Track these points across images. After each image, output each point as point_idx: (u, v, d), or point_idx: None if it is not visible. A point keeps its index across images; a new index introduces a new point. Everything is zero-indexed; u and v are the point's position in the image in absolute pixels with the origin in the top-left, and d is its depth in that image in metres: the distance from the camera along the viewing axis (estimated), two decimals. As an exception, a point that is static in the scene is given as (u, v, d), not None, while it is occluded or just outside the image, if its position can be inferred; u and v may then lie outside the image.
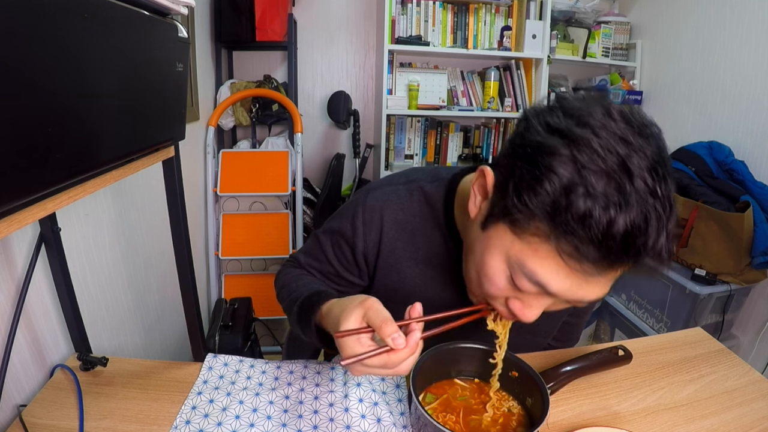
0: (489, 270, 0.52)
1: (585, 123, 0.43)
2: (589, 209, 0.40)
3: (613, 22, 2.30)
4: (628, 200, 0.40)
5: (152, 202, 1.26)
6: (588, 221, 0.40)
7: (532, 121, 0.47)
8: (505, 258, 0.50)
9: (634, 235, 0.41)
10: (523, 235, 0.46)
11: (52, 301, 0.77)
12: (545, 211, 0.43)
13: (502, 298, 0.54)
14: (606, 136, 0.42)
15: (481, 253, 0.53)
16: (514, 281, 0.50)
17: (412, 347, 0.48)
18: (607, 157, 0.41)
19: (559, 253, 0.44)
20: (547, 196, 0.42)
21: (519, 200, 0.45)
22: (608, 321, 2.12)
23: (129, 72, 0.53)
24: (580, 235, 0.41)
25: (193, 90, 1.70)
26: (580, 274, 0.44)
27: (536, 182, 0.43)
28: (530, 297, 0.51)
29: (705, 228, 1.65)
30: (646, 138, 0.43)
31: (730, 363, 0.79)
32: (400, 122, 2.31)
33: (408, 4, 2.13)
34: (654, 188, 0.41)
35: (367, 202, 0.69)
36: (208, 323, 1.52)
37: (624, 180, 0.41)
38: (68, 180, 0.45)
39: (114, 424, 0.62)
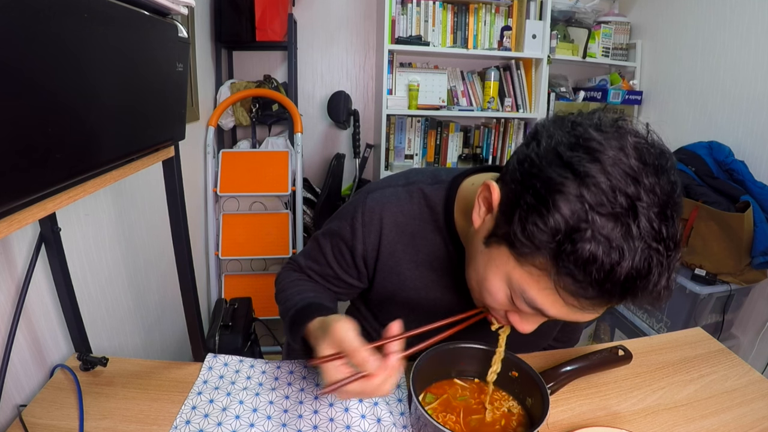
0: (489, 287, 0.53)
1: (597, 159, 0.42)
2: (593, 254, 0.40)
3: (613, 22, 2.30)
4: (633, 245, 0.40)
5: (152, 202, 1.26)
6: (590, 267, 0.41)
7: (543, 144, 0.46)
8: (506, 279, 0.50)
9: (635, 279, 0.41)
10: (525, 263, 0.47)
11: (52, 301, 0.77)
12: (549, 249, 0.43)
13: (502, 310, 0.56)
14: (617, 176, 0.41)
15: (484, 268, 0.53)
16: (512, 300, 0.51)
17: (389, 369, 0.48)
18: (615, 199, 0.41)
19: (559, 289, 0.44)
20: (550, 234, 0.42)
21: (523, 233, 0.45)
22: (608, 321, 2.12)
23: (129, 72, 0.53)
24: (580, 277, 0.42)
25: (193, 90, 1.70)
26: (576, 306, 0.45)
27: (541, 219, 0.43)
28: (529, 315, 0.53)
29: (705, 228, 1.65)
30: (659, 175, 0.42)
31: (730, 363, 0.79)
32: (400, 122, 2.31)
33: (408, 4, 2.13)
34: (660, 230, 0.41)
35: (367, 203, 0.69)
36: (208, 323, 1.52)
37: (630, 223, 0.40)
38: (68, 180, 0.45)
39: (114, 424, 0.62)
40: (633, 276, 0.41)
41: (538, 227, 0.43)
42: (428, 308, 0.71)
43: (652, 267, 0.41)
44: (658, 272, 0.41)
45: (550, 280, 0.44)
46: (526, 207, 0.45)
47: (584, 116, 0.48)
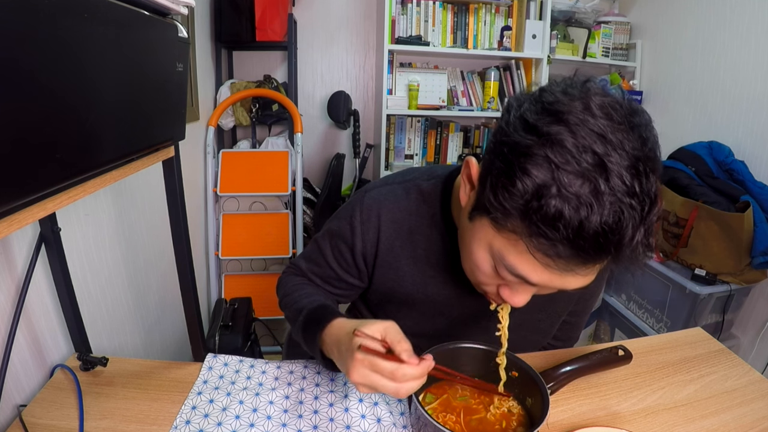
0: (476, 259, 0.53)
1: (562, 120, 0.43)
2: (560, 211, 0.40)
3: (613, 22, 2.30)
4: (601, 200, 0.40)
5: (152, 202, 1.26)
6: (557, 223, 0.41)
7: (513, 114, 0.47)
8: (489, 249, 0.51)
9: (606, 234, 0.41)
10: (502, 230, 0.47)
11: (52, 301, 0.77)
12: (519, 211, 0.44)
13: (493, 285, 0.56)
14: (583, 134, 0.41)
15: (469, 243, 0.55)
16: (498, 271, 0.52)
17: (423, 369, 0.49)
18: (582, 157, 0.41)
19: (535, 250, 0.44)
20: (520, 197, 0.43)
21: (495, 199, 0.46)
22: (608, 321, 2.12)
23: (129, 72, 0.53)
24: (550, 235, 0.42)
25: (193, 90, 1.70)
26: (556, 268, 0.45)
27: (510, 183, 0.44)
28: (516, 284, 0.53)
29: (705, 228, 1.65)
30: (629, 132, 0.42)
31: (730, 363, 0.79)
32: (400, 122, 2.31)
33: (408, 4, 2.13)
34: (632, 185, 0.41)
35: (364, 202, 0.69)
36: (208, 323, 1.52)
37: (599, 179, 0.40)
38: (68, 180, 0.45)
39: (114, 424, 0.62)
40: (604, 230, 0.40)
41: (508, 191, 0.44)
42: (427, 304, 0.72)
43: (623, 221, 0.40)
44: (632, 226, 0.41)
45: (525, 243, 0.45)
46: (496, 173, 0.46)
47: (553, 82, 0.48)
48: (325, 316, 0.61)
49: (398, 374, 0.48)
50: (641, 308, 1.93)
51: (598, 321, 2.16)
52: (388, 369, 0.48)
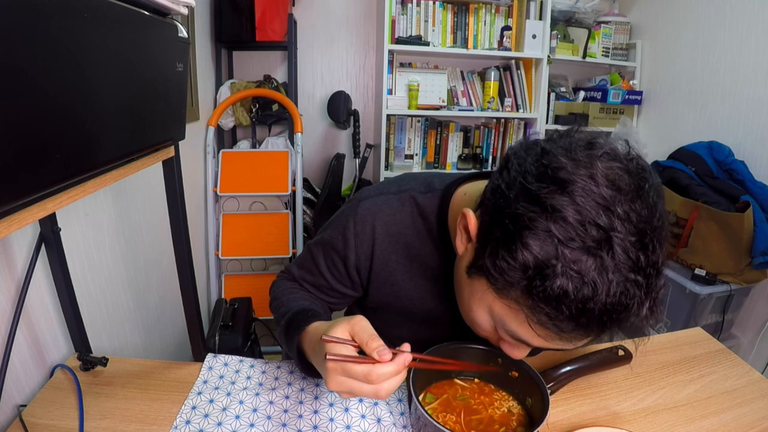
0: (475, 317, 0.53)
1: (566, 191, 0.40)
2: (564, 290, 0.39)
3: (613, 22, 2.30)
4: (606, 278, 0.39)
5: (152, 202, 1.26)
6: (561, 303, 0.40)
7: (511, 173, 0.45)
8: (488, 311, 0.51)
9: (611, 313, 0.40)
10: (502, 297, 0.46)
11: (52, 301, 0.77)
12: (520, 286, 0.42)
13: (492, 338, 0.57)
14: (588, 208, 0.40)
15: (468, 299, 0.54)
16: (498, 330, 0.52)
17: (398, 365, 0.46)
18: (586, 232, 0.39)
19: (537, 323, 0.43)
20: (521, 271, 0.41)
21: (495, 269, 0.44)
22: (608, 321, 2.12)
23: (129, 72, 0.53)
24: (553, 314, 0.41)
25: (193, 90, 1.70)
26: (557, 338, 0.44)
27: (510, 255, 0.42)
28: (516, 345, 0.53)
29: (705, 228, 1.65)
30: (635, 201, 0.41)
31: (730, 363, 0.79)
32: (400, 122, 2.31)
33: (408, 4, 2.13)
34: (637, 259, 0.39)
35: (358, 212, 0.67)
36: (208, 323, 1.52)
37: (604, 255, 0.39)
38: (68, 180, 0.45)
39: (114, 424, 0.62)
40: (608, 310, 0.39)
41: (508, 263, 0.42)
42: (424, 317, 0.71)
43: (628, 300, 0.39)
44: (638, 303, 0.40)
45: (526, 313, 0.44)
46: (496, 242, 0.44)
47: (555, 140, 0.46)
48: (305, 320, 0.59)
49: (372, 376, 0.45)
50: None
51: (598, 321, 2.16)
52: (361, 373, 0.45)
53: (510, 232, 0.42)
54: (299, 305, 0.66)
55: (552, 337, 0.44)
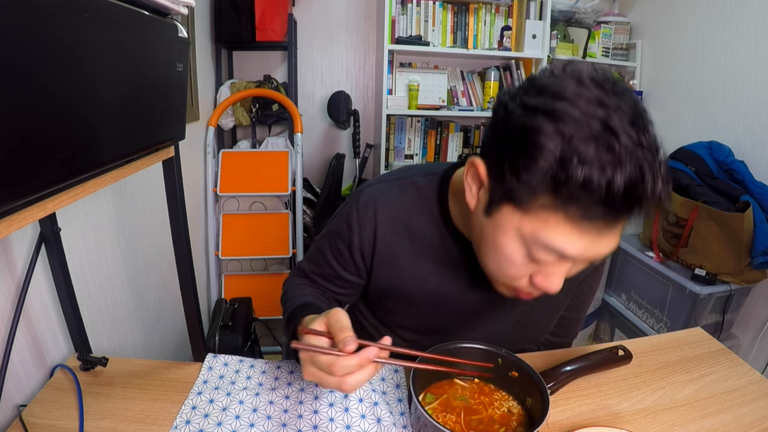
0: (505, 251, 0.53)
1: (560, 96, 0.45)
2: (588, 176, 0.43)
3: (613, 22, 2.30)
4: (620, 158, 0.43)
5: (152, 202, 1.26)
6: (590, 186, 0.43)
7: (509, 105, 0.49)
8: (518, 236, 0.51)
9: (634, 187, 0.43)
10: (530, 211, 0.48)
11: (52, 301, 0.77)
12: (547, 186, 0.45)
13: (525, 276, 0.55)
14: (584, 104, 0.44)
15: (493, 238, 0.54)
16: (531, 255, 0.51)
17: (362, 358, 0.47)
18: (590, 123, 0.44)
19: (569, 219, 0.46)
20: (544, 172, 0.45)
21: (519, 181, 0.47)
22: (608, 321, 2.12)
23: (129, 72, 0.53)
24: (585, 200, 0.44)
25: (193, 90, 1.70)
26: (591, 232, 0.47)
27: (530, 161, 0.45)
28: (550, 266, 0.52)
29: (705, 228, 1.65)
30: (620, 96, 0.46)
31: (730, 363, 0.79)
32: (400, 122, 2.31)
33: (408, 4, 2.13)
34: (639, 140, 0.44)
35: (360, 199, 0.70)
36: (208, 323, 1.52)
37: (611, 140, 0.43)
38: (68, 180, 0.45)
39: (114, 424, 0.62)
40: (631, 184, 0.43)
41: (530, 171, 0.46)
42: (426, 299, 0.72)
43: (645, 172, 0.43)
44: (652, 177, 0.43)
45: (558, 215, 0.46)
46: (513, 159, 0.47)
47: (536, 73, 0.51)
48: (302, 313, 0.61)
49: (335, 368, 0.47)
50: (641, 308, 1.93)
51: (598, 321, 2.16)
52: (325, 363, 0.47)
53: (522, 143, 0.46)
54: (302, 300, 0.67)
55: (587, 231, 0.47)
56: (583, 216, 0.45)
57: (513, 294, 0.59)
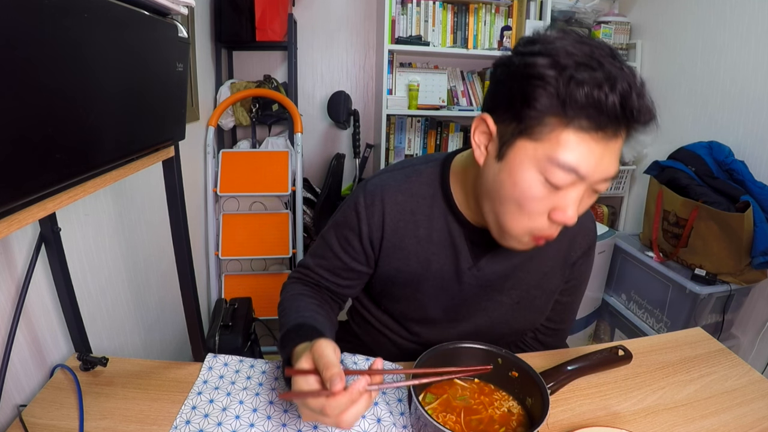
0: (524, 185, 0.56)
1: (550, 41, 0.53)
2: (587, 92, 0.49)
3: (613, 22, 2.30)
4: (610, 76, 0.49)
5: (152, 202, 1.26)
6: (590, 100, 0.49)
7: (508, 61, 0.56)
8: (534, 164, 0.55)
9: (627, 98, 0.49)
10: (541, 136, 0.53)
11: (52, 301, 0.77)
12: (553, 108, 0.51)
13: (544, 213, 0.57)
14: (570, 44, 0.52)
15: (510, 177, 0.57)
16: (549, 182, 0.55)
17: (352, 394, 0.46)
18: (579, 55, 0.51)
19: (577, 134, 0.52)
20: (549, 96, 0.51)
21: (530, 109, 0.52)
22: (608, 321, 2.12)
23: (129, 72, 0.53)
24: (588, 112, 0.50)
25: (193, 90, 1.70)
26: (598, 143, 0.52)
27: (535, 90, 0.52)
28: (566, 196, 0.55)
29: (705, 228, 1.65)
30: (596, 41, 0.54)
31: (730, 363, 0.79)
32: (400, 122, 2.31)
33: (408, 4, 2.13)
34: (621, 66, 0.51)
35: (367, 188, 0.73)
36: (208, 323, 1.52)
37: (599, 65, 0.50)
38: (68, 180, 0.45)
39: (114, 424, 0.62)
40: (625, 94, 0.49)
41: (537, 99, 0.52)
42: (431, 281, 0.74)
43: (632, 87, 0.50)
44: (639, 91, 0.50)
45: (567, 132, 0.52)
46: (520, 96, 0.53)
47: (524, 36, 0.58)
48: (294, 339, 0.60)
49: (328, 410, 0.46)
50: (641, 308, 1.93)
51: (598, 321, 2.16)
52: (317, 407, 0.47)
53: (526, 78, 0.53)
54: (296, 319, 0.66)
55: (592, 148, 0.52)
56: (589, 127, 0.51)
57: (531, 241, 0.61)
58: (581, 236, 0.77)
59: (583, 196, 0.57)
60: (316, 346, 0.51)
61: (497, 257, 0.72)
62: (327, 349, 0.50)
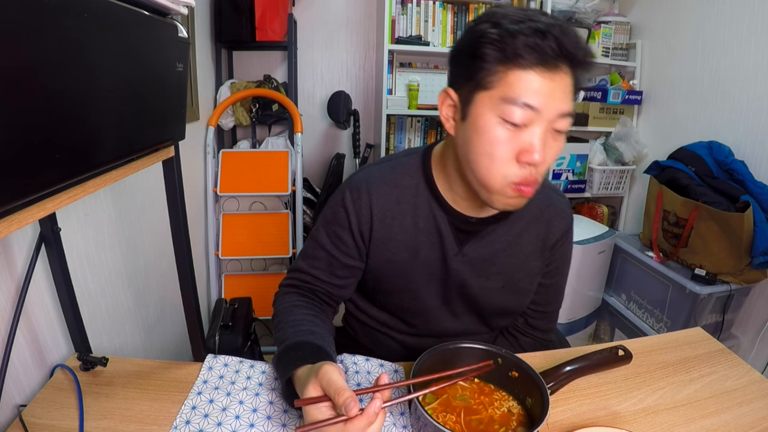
0: (488, 131, 0.61)
1: (490, 12, 0.61)
2: (525, 37, 0.56)
3: (613, 22, 2.30)
4: (543, 23, 0.57)
5: (152, 202, 1.26)
6: (530, 42, 0.56)
7: (463, 36, 0.64)
8: (492, 109, 0.60)
9: (558, 36, 0.56)
10: (493, 84, 0.59)
11: (52, 301, 0.77)
12: (497, 56, 0.58)
13: (512, 158, 0.61)
14: (507, 9, 0.61)
15: (475, 129, 0.62)
16: (508, 122, 0.59)
17: (369, 416, 0.48)
18: (514, 13, 0.59)
19: (523, 70, 0.57)
20: (495, 49, 0.58)
21: (481, 62, 0.59)
22: (608, 321, 2.12)
23: (129, 72, 0.53)
24: (527, 50, 0.56)
25: (193, 90, 1.70)
26: (543, 77, 0.57)
27: (482, 47, 0.59)
28: (528, 135, 0.60)
29: (705, 228, 1.65)
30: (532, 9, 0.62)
31: (730, 363, 0.79)
32: (400, 122, 2.31)
33: (408, 4, 2.13)
34: (552, 18, 0.58)
35: (352, 183, 0.75)
36: (208, 323, 1.52)
37: (532, 19, 0.57)
38: (68, 180, 0.45)
39: (114, 424, 0.62)
40: (557, 30, 0.56)
41: (483, 53, 0.59)
42: (420, 269, 0.76)
43: (564, 26, 0.57)
44: (567, 29, 0.58)
45: (514, 71, 0.58)
46: (471, 58, 0.60)
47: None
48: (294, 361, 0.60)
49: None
50: (641, 308, 1.93)
51: (598, 321, 2.16)
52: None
53: (473, 42, 0.60)
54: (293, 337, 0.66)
55: (539, 83, 0.57)
56: (531, 64, 0.57)
57: (514, 192, 0.63)
58: (557, 219, 0.79)
59: (547, 137, 0.60)
60: (322, 372, 0.52)
61: (481, 243, 0.75)
62: (333, 374, 0.51)
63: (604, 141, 2.33)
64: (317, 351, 0.62)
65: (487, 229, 0.75)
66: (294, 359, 0.60)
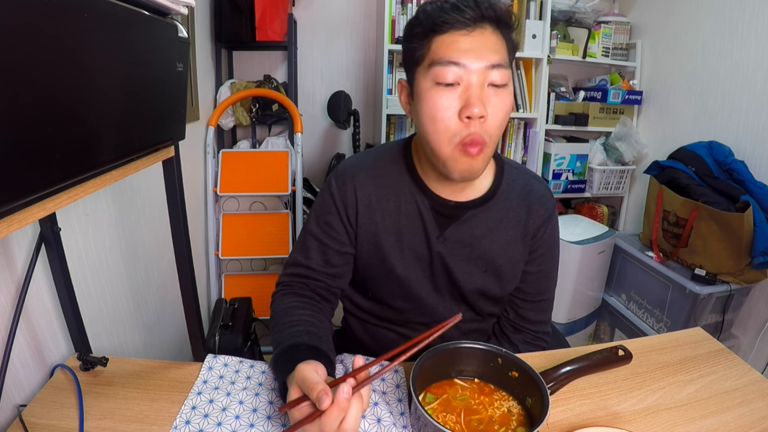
0: (428, 98, 0.66)
1: (421, 7, 0.69)
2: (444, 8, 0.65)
3: (613, 22, 2.30)
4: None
5: (152, 202, 1.26)
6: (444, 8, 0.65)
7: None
8: (427, 77, 0.66)
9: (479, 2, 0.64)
10: (423, 56, 0.66)
11: (52, 301, 0.77)
12: (425, 32, 0.66)
13: (454, 116, 0.64)
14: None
15: (419, 101, 0.68)
16: (441, 83, 0.64)
17: (340, 403, 0.48)
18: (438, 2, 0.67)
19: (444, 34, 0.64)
20: (421, 28, 0.66)
21: (414, 41, 0.67)
22: (608, 321, 2.13)
23: (129, 72, 0.53)
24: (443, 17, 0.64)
25: (193, 90, 1.70)
26: (462, 36, 0.63)
27: (413, 29, 0.68)
28: (465, 93, 0.64)
29: (705, 228, 1.65)
30: None
31: (730, 363, 0.79)
32: (400, 122, 2.31)
33: (408, 4, 2.13)
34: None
35: (337, 172, 0.80)
36: (208, 323, 1.52)
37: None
38: (68, 180, 0.45)
39: (114, 424, 0.62)
40: None
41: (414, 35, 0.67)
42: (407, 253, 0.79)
43: None
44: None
45: (439, 39, 0.65)
46: (406, 41, 0.70)
47: None
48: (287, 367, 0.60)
49: (326, 428, 0.48)
50: (641, 308, 1.93)
51: (598, 321, 2.16)
52: (316, 430, 0.49)
53: (407, 30, 0.69)
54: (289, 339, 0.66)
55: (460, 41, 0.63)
56: (446, 28, 0.63)
57: (462, 154, 0.66)
58: (538, 204, 0.80)
59: (484, 92, 0.64)
60: (297, 373, 0.54)
61: (461, 227, 0.77)
62: (307, 371, 0.53)
63: (604, 141, 2.33)
64: (312, 351, 0.62)
65: (467, 213, 0.77)
66: (289, 362, 0.60)
